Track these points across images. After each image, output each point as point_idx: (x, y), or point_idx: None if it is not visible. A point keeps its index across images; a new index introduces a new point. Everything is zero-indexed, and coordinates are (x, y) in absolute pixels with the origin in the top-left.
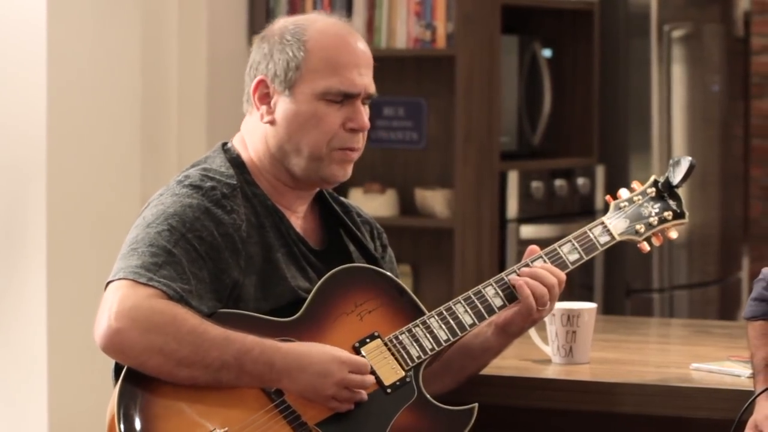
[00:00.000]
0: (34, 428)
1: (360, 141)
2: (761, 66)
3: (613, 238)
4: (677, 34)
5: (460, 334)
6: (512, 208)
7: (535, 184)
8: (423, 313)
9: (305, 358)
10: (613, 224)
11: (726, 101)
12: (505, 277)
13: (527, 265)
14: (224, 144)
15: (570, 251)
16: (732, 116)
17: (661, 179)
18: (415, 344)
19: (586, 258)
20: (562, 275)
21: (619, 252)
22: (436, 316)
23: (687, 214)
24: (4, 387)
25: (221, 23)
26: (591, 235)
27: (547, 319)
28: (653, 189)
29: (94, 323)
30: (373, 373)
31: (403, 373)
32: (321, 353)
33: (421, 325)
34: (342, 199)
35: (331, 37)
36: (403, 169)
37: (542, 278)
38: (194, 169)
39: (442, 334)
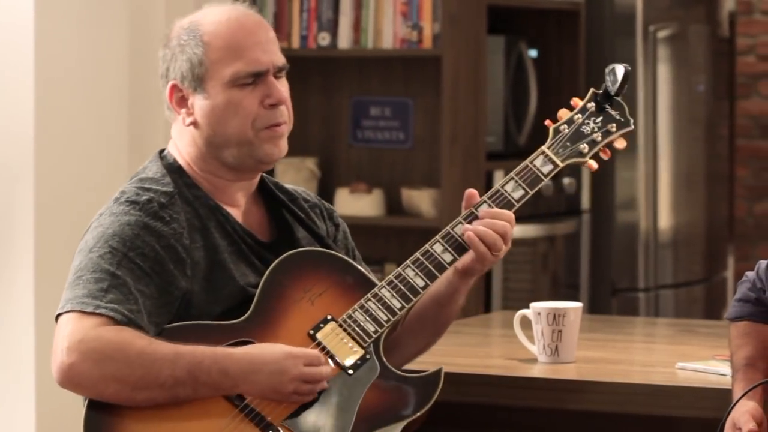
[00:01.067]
0: (22, 429)
1: (284, 114)
2: (746, 66)
3: (556, 165)
4: (663, 34)
5: (413, 299)
6: None
7: None
8: (374, 285)
9: (257, 360)
10: (555, 151)
11: (711, 101)
12: (451, 231)
13: (472, 214)
14: (161, 151)
15: (514, 189)
16: (717, 116)
17: (600, 91)
18: (369, 319)
19: (531, 192)
20: (511, 216)
21: (605, 252)
22: (387, 286)
23: (632, 120)
24: None
25: None
26: (533, 167)
27: (533, 319)
28: (592, 103)
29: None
30: (332, 356)
31: (362, 351)
32: (272, 352)
33: (373, 299)
34: (287, 186)
35: (224, 24)
36: (390, 169)
37: (492, 226)
38: (130, 183)
39: (396, 303)
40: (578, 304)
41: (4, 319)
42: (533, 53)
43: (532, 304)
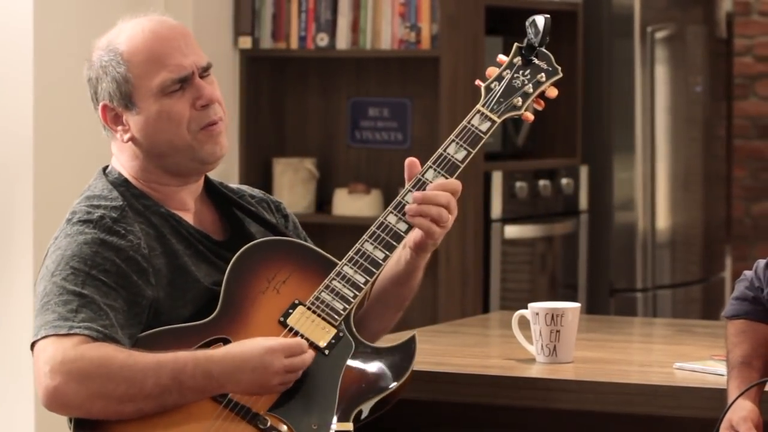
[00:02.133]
0: (21, 428)
1: (218, 112)
2: (743, 67)
3: (493, 122)
4: (660, 35)
5: (376, 271)
6: (496, 208)
7: (519, 185)
8: (335, 264)
9: (239, 358)
10: (490, 108)
11: (709, 102)
12: (401, 200)
13: (420, 181)
14: (105, 168)
15: (456, 151)
16: (715, 117)
17: (524, 45)
18: (336, 298)
19: (474, 151)
20: (456, 186)
21: (603, 252)
22: (348, 264)
23: (559, 68)
24: None
25: (207, 24)
26: (471, 127)
27: (531, 319)
28: (518, 57)
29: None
30: (306, 340)
31: (335, 330)
32: (252, 348)
33: (336, 278)
34: (232, 186)
35: (140, 38)
36: (388, 169)
37: (435, 200)
38: (79, 203)
39: (359, 278)
40: (576, 305)
41: (3, 319)
42: None
43: (531, 305)
